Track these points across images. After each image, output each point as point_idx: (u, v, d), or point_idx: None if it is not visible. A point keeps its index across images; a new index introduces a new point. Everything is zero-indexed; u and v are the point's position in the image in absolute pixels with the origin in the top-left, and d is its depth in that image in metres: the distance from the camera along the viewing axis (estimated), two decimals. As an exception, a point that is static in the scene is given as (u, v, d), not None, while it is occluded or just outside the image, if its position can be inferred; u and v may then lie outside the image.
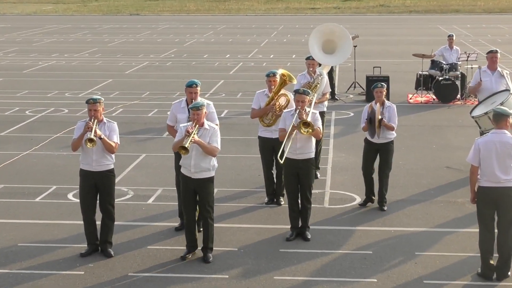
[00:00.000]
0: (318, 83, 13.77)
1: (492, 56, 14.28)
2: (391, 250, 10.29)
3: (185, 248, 10.17)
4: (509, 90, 13.50)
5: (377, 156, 12.29)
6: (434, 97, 21.62)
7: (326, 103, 14.44)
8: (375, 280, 9.28)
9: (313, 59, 14.33)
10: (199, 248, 10.15)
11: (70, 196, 12.55)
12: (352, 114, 20.07)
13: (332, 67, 21.94)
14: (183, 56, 34.17)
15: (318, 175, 13.86)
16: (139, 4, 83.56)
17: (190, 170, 9.99)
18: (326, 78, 14.31)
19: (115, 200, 10.65)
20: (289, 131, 10.54)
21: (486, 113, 12.71)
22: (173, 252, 10.29)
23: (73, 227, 11.20)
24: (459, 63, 21.86)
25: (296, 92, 11.00)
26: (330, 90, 15.55)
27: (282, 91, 12.24)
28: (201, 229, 10.30)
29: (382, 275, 9.44)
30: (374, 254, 10.13)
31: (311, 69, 13.98)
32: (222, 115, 18.92)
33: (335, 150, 15.96)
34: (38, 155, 15.54)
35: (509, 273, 9.27)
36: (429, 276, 9.40)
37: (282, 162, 10.86)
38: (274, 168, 12.47)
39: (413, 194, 12.95)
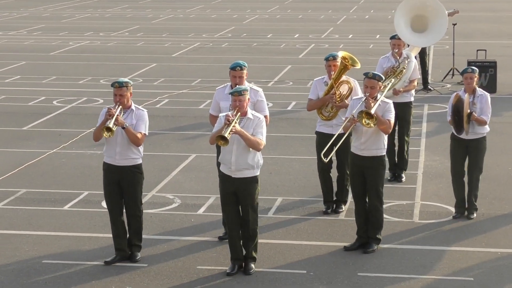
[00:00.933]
0: (404, 67, 13.77)
1: None
2: (497, 277, 10.13)
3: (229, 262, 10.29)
4: None
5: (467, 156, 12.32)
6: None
7: (413, 92, 14.46)
8: (471, 278, 9.37)
9: (399, 39, 14.44)
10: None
11: (104, 204, 12.66)
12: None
13: (424, 50, 21.80)
14: (242, 36, 34.38)
15: (404, 178, 14.06)
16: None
17: (231, 167, 10.09)
18: (414, 62, 14.31)
19: (162, 208, 10.81)
20: (345, 122, 10.68)
21: None
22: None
23: (107, 241, 11.27)
24: None
25: (365, 76, 10.94)
26: (419, 77, 15.50)
27: (344, 78, 12.24)
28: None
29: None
30: (475, 281, 9.99)
31: (396, 50, 14.07)
32: (289, 108, 18.98)
33: (428, 152, 15.86)
34: (67, 154, 15.80)
35: None
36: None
37: (326, 160, 11.17)
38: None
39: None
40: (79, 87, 22.50)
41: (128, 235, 10.76)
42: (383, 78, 11.34)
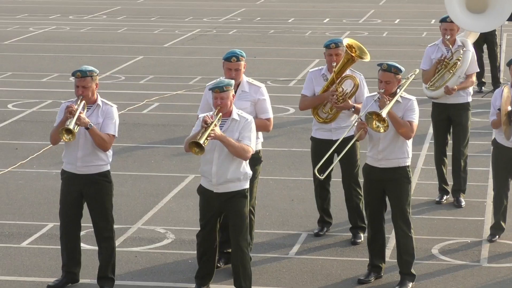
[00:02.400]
0: (458, 59, 13.83)
1: None
2: None
3: None
4: None
5: None
6: None
7: (471, 90, 14.47)
8: None
9: (452, 22, 14.46)
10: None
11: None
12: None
13: (493, 38, 21.87)
14: (256, 20, 34.60)
15: (463, 203, 14.09)
16: None
17: (211, 180, 10.21)
18: (472, 52, 14.32)
19: (151, 245, 10.81)
20: (353, 124, 10.88)
21: None
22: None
23: (79, 289, 11.39)
24: None
25: (380, 67, 10.85)
26: (478, 71, 15.35)
27: (348, 72, 12.34)
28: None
29: None
30: None
31: (448, 36, 14.11)
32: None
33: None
34: (26, 174, 15.83)
35: None
36: None
37: (321, 177, 11.20)
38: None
39: None
40: (42, 87, 22.60)
41: (98, 268, 10.87)
42: (402, 70, 11.05)
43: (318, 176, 11.13)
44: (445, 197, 14.34)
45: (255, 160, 10.98)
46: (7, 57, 26.90)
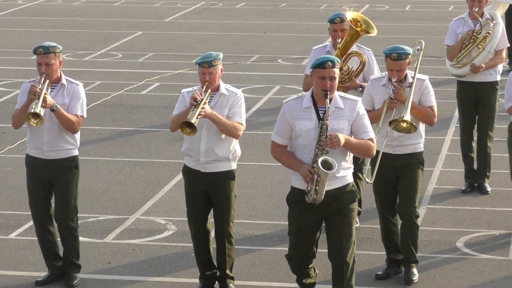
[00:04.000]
0: (488, 32, 13.86)
1: None
2: None
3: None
4: None
5: None
6: None
7: (500, 68, 14.50)
8: None
9: None
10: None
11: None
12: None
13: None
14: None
15: (489, 189, 14.26)
16: None
17: (199, 159, 10.38)
18: (502, 25, 14.34)
19: (150, 237, 10.90)
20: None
21: None
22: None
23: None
24: None
25: (388, 57, 10.80)
26: (509, 45, 15.28)
27: (355, 48, 12.46)
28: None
29: None
30: None
31: (476, 9, 14.07)
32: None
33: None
34: (15, 160, 15.89)
35: None
36: None
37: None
38: None
39: None
40: (30, 65, 22.60)
41: (63, 254, 11.09)
42: (411, 52, 11.13)
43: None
44: (469, 186, 14.38)
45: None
46: (-6, 33, 26.97)
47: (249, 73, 21.73)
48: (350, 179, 9.25)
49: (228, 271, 10.84)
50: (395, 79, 10.85)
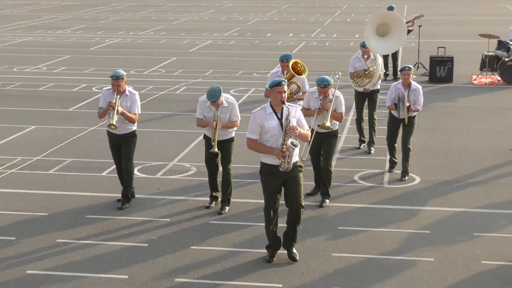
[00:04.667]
0: (374, 72, 14.04)
1: None
2: (449, 230, 10.27)
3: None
4: None
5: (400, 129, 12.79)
6: (499, 78, 21.33)
7: (380, 81, 14.59)
8: (432, 259, 9.28)
9: (367, 48, 14.30)
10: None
11: (135, 171, 12.75)
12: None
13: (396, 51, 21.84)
14: (247, 34, 34.29)
15: (373, 151, 14.22)
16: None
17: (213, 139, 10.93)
18: (380, 65, 14.34)
19: (181, 174, 11.17)
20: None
21: None
22: (233, 227, 10.47)
23: (139, 201, 11.52)
24: (526, 44, 21.53)
25: (320, 84, 11.04)
26: (384, 71, 15.57)
27: (293, 79, 12.38)
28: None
29: (440, 255, 9.42)
30: (432, 234, 10.14)
31: (366, 56, 14.22)
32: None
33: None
34: (104, 131, 15.69)
35: None
36: (486, 257, 9.35)
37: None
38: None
39: (474, 175, 12.87)
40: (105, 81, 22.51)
41: (124, 186, 11.32)
42: (331, 81, 11.20)
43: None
44: (362, 145, 14.43)
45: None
46: (91, 58, 26.80)
47: (237, 81, 21.61)
48: (297, 159, 8.84)
49: (228, 196, 11.07)
50: (321, 97, 11.06)
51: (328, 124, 11.05)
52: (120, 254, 9.50)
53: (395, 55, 22.05)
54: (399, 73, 22.42)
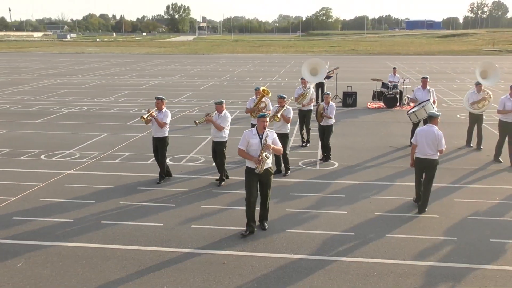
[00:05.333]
0: (307, 93, 14.05)
1: (424, 80, 14.20)
2: (355, 194, 10.18)
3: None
4: (429, 100, 13.40)
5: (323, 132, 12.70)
6: (383, 104, 21.40)
7: (312, 104, 14.37)
8: (346, 212, 9.19)
9: (304, 79, 14.61)
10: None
11: (167, 160, 12.49)
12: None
13: (323, 85, 21.84)
14: (234, 79, 34.06)
15: (308, 146, 14.05)
16: (209, 47, 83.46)
17: (213, 136, 10.83)
18: (312, 90, 14.33)
19: (195, 162, 10.79)
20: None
21: (413, 112, 13.04)
22: (229, 194, 10.21)
23: (170, 179, 11.20)
24: (398, 84, 21.64)
25: (279, 97, 11.11)
26: (315, 97, 15.72)
27: (263, 99, 12.27)
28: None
29: (351, 209, 9.33)
30: (345, 197, 10.03)
31: (303, 84, 14.29)
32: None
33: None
34: (149, 136, 15.54)
35: (426, 209, 9.25)
36: (379, 210, 9.27)
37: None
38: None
39: (369, 161, 12.78)
40: (153, 103, 22.24)
41: (161, 170, 10.97)
42: (285, 96, 11.37)
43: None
44: (303, 144, 14.20)
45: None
46: (142, 93, 26.45)
47: (228, 106, 21.38)
48: (270, 164, 8.11)
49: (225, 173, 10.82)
50: (278, 106, 11.00)
51: (278, 121, 10.97)
52: (158, 210, 9.31)
53: (322, 90, 21.98)
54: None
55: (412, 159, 9.35)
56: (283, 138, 11.13)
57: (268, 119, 8.10)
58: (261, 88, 12.22)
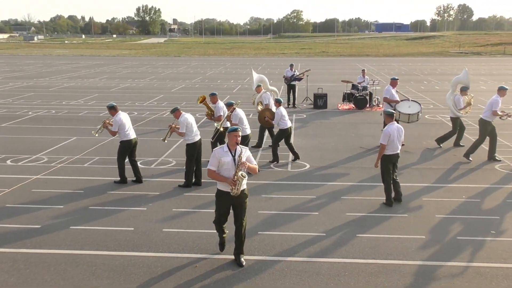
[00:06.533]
0: (261, 101, 14.48)
1: (395, 81, 14.68)
2: (326, 196, 10.22)
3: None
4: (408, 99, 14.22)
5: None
6: (354, 106, 21.68)
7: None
8: (317, 213, 9.24)
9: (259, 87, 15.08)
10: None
11: (139, 163, 12.35)
12: (305, 116, 20.02)
13: (294, 87, 22.01)
14: (206, 81, 33.96)
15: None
16: (180, 50, 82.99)
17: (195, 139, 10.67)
18: (266, 94, 14.64)
19: (167, 165, 10.58)
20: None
21: (409, 114, 13.82)
22: (200, 196, 10.17)
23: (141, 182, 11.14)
24: (368, 86, 21.96)
25: (229, 105, 10.95)
26: (287, 102, 15.93)
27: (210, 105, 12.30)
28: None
29: (322, 210, 9.36)
30: (316, 198, 10.06)
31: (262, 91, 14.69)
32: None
33: (295, 137, 15.89)
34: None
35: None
36: (350, 211, 9.35)
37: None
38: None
39: (340, 162, 12.89)
40: (124, 107, 21.97)
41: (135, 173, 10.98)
42: (234, 102, 11.46)
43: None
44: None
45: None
46: (111, 95, 26.05)
47: (200, 108, 21.25)
48: (245, 186, 7.10)
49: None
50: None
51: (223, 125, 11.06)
52: (129, 214, 9.19)
53: (294, 92, 22.12)
54: (296, 103, 22.65)
55: (379, 159, 9.53)
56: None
57: (240, 133, 7.09)
58: (198, 97, 12.21)
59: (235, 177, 6.94)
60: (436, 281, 6.78)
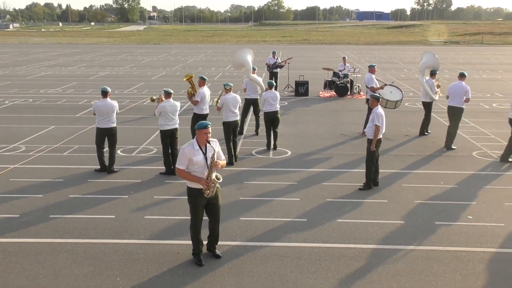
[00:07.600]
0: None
1: (373, 68, 14.74)
2: (308, 182, 10.29)
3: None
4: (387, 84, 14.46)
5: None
6: (335, 93, 21.79)
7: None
8: (298, 199, 9.29)
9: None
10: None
11: (118, 151, 12.31)
12: (286, 103, 20.06)
13: (276, 74, 22.02)
14: (186, 68, 33.69)
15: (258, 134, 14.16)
16: (160, 37, 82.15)
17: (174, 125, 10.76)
18: (255, 79, 14.27)
19: (148, 153, 10.51)
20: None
21: (396, 101, 14.04)
22: (182, 184, 10.21)
23: (122, 170, 11.00)
24: (349, 73, 22.06)
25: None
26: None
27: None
28: None
29: (303, 196, 9.44)
30: (297, 184, 10.12)
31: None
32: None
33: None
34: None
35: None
36: (331, 196, 9.45)
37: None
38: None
39: (321, 150, 12.96)
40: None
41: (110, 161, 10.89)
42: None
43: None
44: (256, 133, 14.30)
45: None
46: (90, 83, 25.68)
47: (181, 96, 21.14)
48: (219, 186, 6.75)
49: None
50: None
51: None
52: (109, 202, 9.14)
53: (276, 79, 22.11)
54: (278, 90, 22.68)
55: (375, 142, 9.65)
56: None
57: (210, 129, 6.53)
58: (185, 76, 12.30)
59: (208, 178, 6.53)
60: (415, 264, 6.93)
